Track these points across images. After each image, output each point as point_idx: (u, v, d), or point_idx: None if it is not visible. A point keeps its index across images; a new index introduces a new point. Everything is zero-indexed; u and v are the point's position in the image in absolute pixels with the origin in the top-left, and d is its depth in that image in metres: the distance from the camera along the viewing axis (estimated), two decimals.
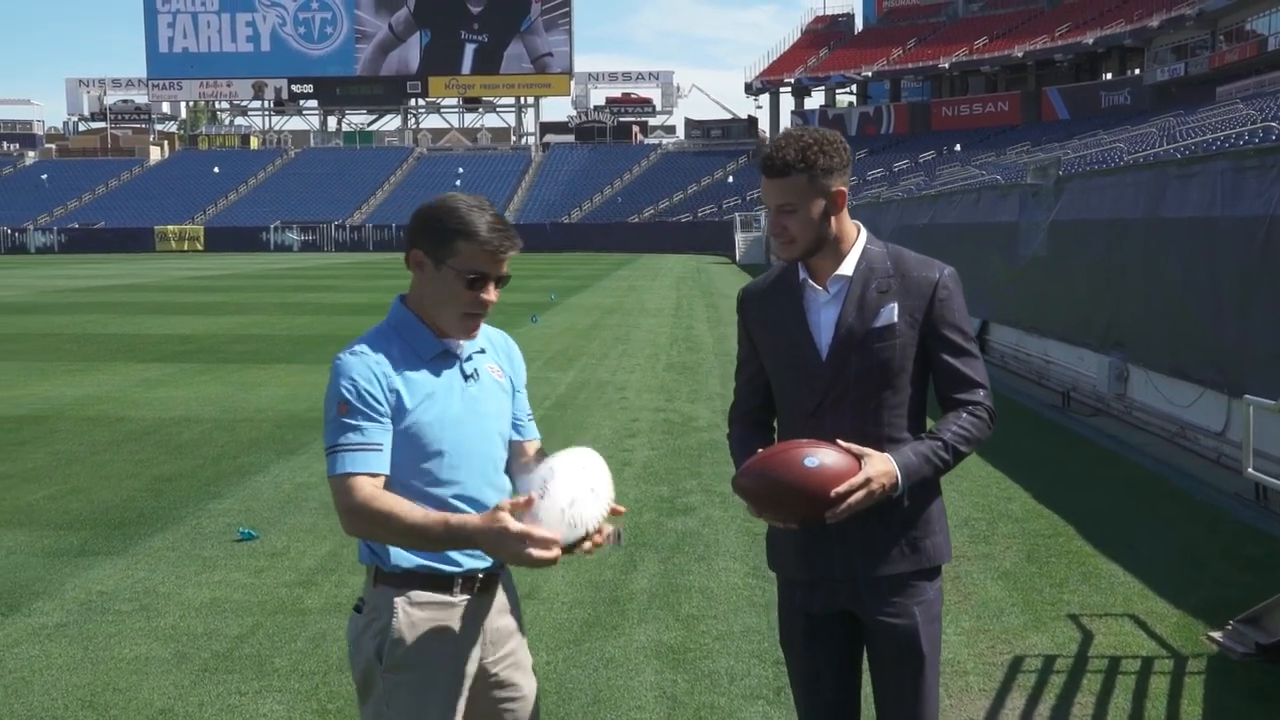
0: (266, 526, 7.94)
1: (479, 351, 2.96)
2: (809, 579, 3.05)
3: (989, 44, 77.55)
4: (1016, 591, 6.49)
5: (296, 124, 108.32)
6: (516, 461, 3.05)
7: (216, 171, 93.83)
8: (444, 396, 2.83)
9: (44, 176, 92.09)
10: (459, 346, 2.90)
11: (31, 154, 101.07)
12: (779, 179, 2.94)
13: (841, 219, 3.01)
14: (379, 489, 2.73)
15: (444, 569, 2.84)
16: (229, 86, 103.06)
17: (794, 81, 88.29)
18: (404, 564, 2.82)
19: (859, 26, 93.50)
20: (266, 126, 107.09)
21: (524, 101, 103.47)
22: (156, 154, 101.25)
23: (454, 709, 2.87)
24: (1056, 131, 62.77)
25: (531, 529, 2.60)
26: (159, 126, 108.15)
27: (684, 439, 11.10)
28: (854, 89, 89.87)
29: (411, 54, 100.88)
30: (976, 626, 5.92)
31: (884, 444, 2.95)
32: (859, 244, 3.05)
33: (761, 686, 5.15)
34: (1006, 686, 5.19)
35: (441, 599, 2.84)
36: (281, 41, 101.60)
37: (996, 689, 5.17)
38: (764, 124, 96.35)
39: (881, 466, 2.85)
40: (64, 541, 7.64)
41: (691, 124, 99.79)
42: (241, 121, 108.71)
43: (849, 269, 3.02)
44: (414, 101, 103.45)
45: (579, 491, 2.66)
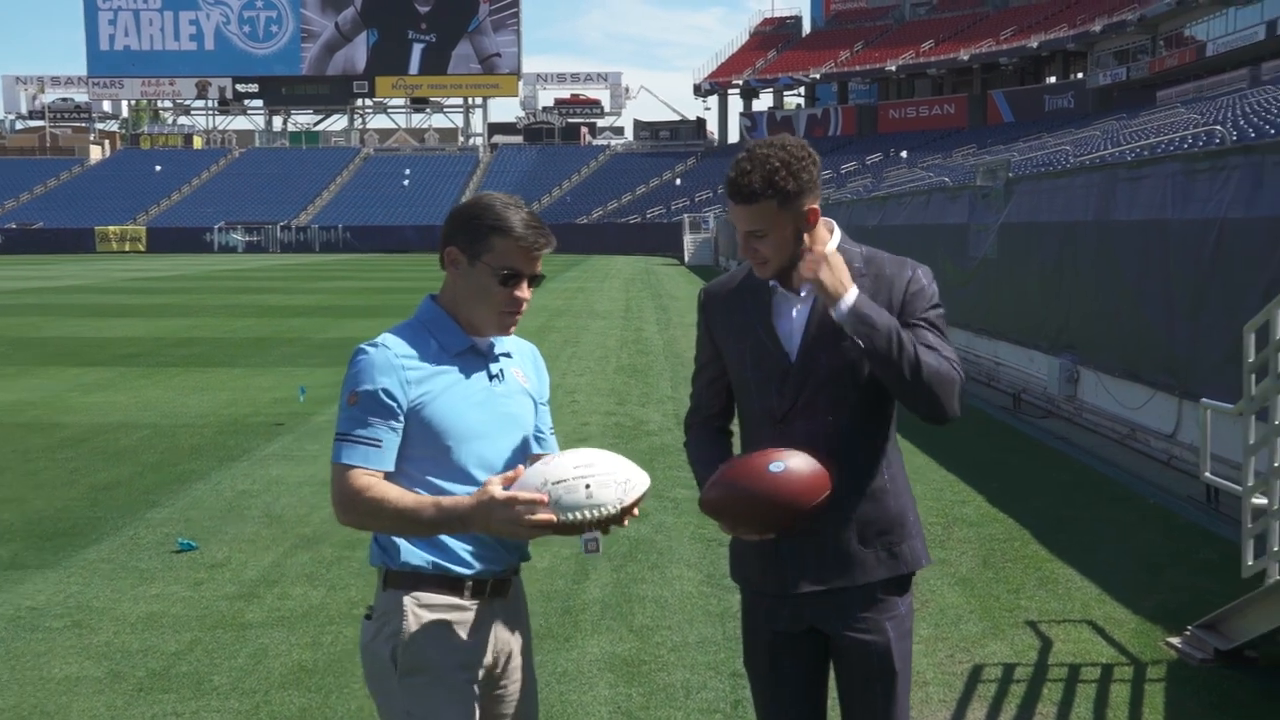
0: (207, 537, 7.71)
1: (505, 355, 2.92)
2: (776, 592, 2.92)
3: (935, 47, 78.11)
4: (974, 598, 6.41)
5: (241, 124, 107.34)
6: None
7: (159, 171, 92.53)
8: (467, 391, 2.80)
9: None
10: (487, 345, 2.86)
11: None
12: (747, 206, 2.81)
13: (815, 232, 2.88)
14: (373, 479, 2.70)
15: (455, 570, 2.78)
16: (172, 85, 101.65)
17: (742, 83, 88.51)
18: (414, 560, 2.76)
19: (807, 29, 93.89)
20: (210, 126, 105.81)
21: (472, 102, 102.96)
22: (97, 153, 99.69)
23: (471, 711, 2.80)
24: (1002, 134, 63.39)
25: (516, 492, 2.59)
26: (100, 125, 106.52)
27: (635, 443, 10.96)
28: (802, 91, 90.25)
29: (358, 53, 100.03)
30: (935, 634, 5.83)
31: (859, 444, 2.85)
32: (832, 243, 2.92)
33: (718, 700, 5.02)
34: (967, 697, 5.10)
35: (452, 601, 2.78)
36: (226, 40, 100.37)
37: (957, 699, 5.07)
38: (712, 125, 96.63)
39: (844, 271, 2.78)
40: None
41: (640, 125, 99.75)
42: (185, 121, 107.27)
43: None
44: (361, 101, 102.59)
45: (570, 477, 2.61)
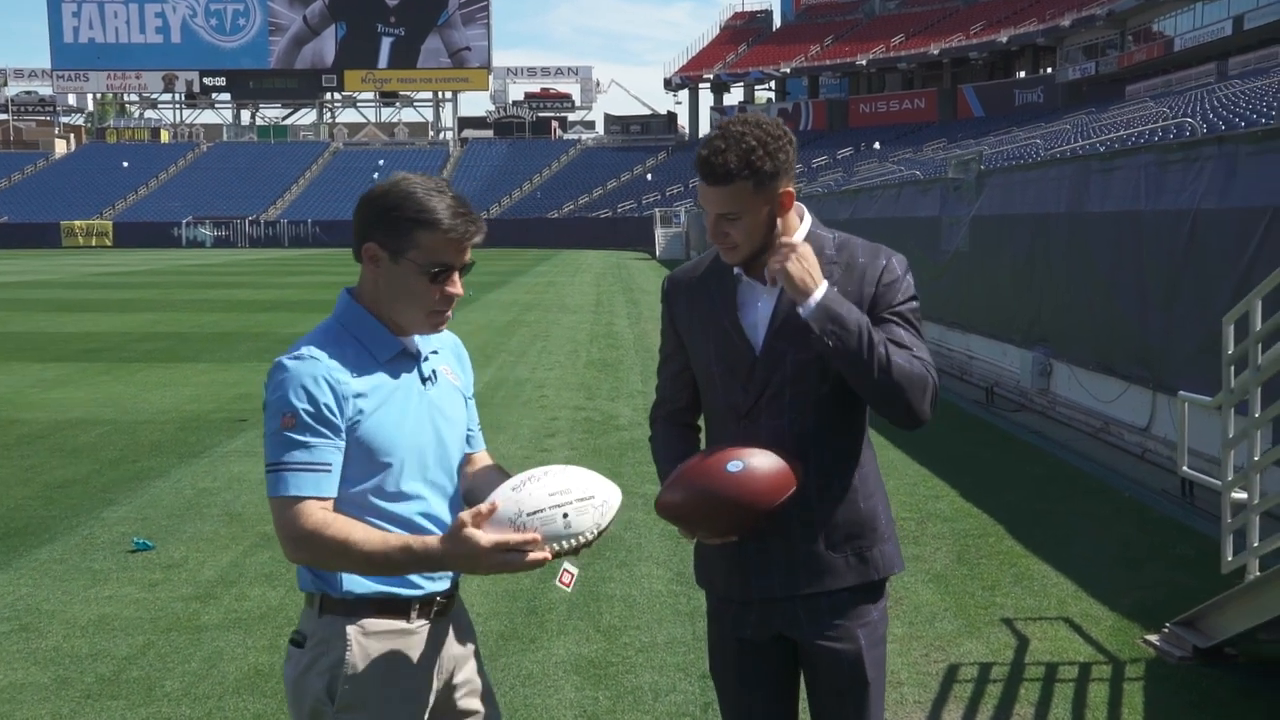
0: (164, 536, 7.50)
1: (433, 352, 2.66)
2: (741, 598, 2.77)
3: (905, 41, 78.22)
4: (948, 595, 6.29)
5: (209, 117, 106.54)
6: (463, 473, 2.73)
7: (125, 165, 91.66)
8: (403, 401, 2.53)
9: None
10: (416, 345, 2.60)
11: None
12: (720, 187, 2.61)
13: (788, 217, 2.72)
14: (330, 514, 2.42)
15: (401, 593, 2.54)
16: (138, 79, 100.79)
17: (713, 78, 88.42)
18: (358, 589, 2.51)
19: (777, 23, 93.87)
20: (178, 120, 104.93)
21: (442, 96, 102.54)
22: (62, 147, 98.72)
23: None
24: (972, 128, 63.53)
25: (506, 537, 2.34)
26: (64, 119, 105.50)
27: (605, 438, 10.80)
28: (772, 85, 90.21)
29: (327, 47, 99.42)
30: (909, 633, 5.70)
31: (826, 444, 2.69)
32: (803, 229, 2.76)
33: (687, 703, 4.87)
34: (942, 697, 4.97)
35: (399, 626, 2.54)
36: (192, 33, 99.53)
37: (933, 700, 4.94)
38: (683, 120, 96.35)
39: (814, 263, 2.61)
40: None
41: (611, 120, 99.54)
42: (151, 114, 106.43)
43: None
44: (329, 95, 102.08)
45: (545, 506, 2.38)
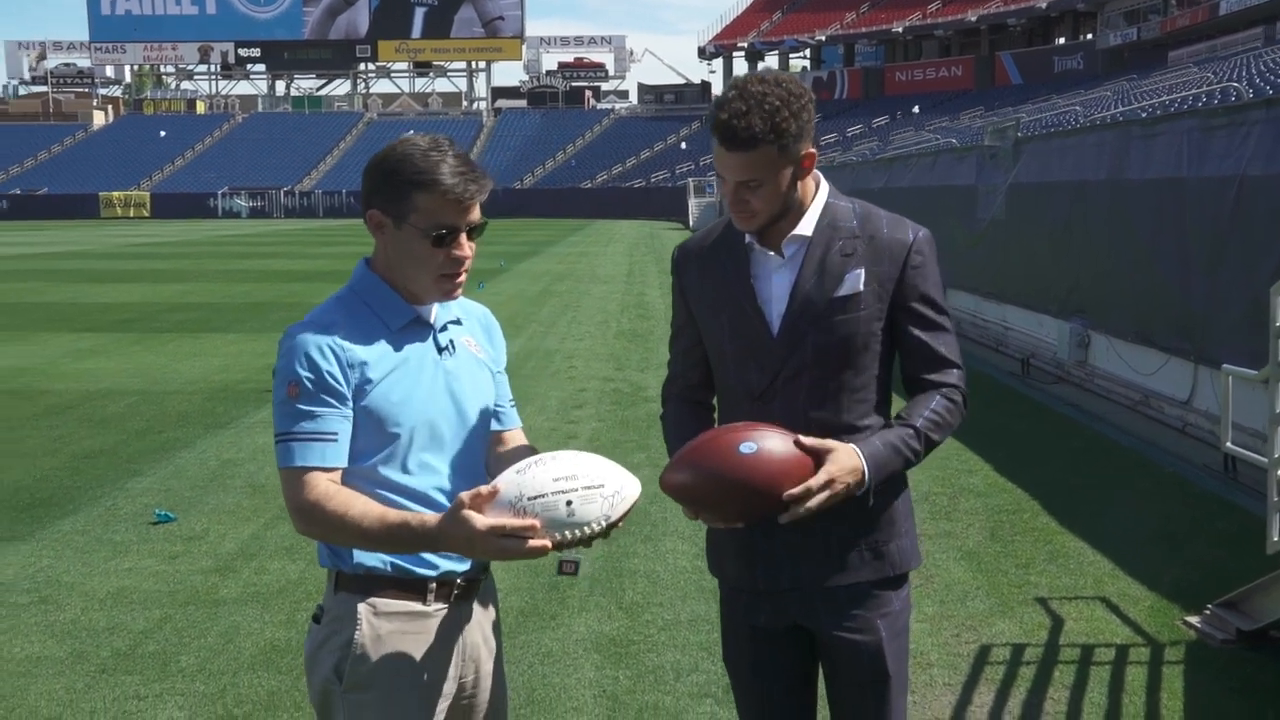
0: (186, 507, 7.44)
1: (454, 322, 2.55)
2: (751, 588, 2.63)
3: (942, 8, 77.25)
4: (981, 573, 6.13)
5: (244, 88, 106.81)
6: (493, 453, 2.61)
7: (162, 136, 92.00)
8: (415, 370, 2.43)
9: None
10: (432, 314, 2.49)
11: None
12: (742, 152, 2.43)
13: (807, 182, 2.56)
14: (335, 485, 2.34)
15: (417, 571, 2.43)
16: (174, 50, 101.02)
17: (747, 46, 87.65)
18: (369, 563, 2.42)
19: None
20: (213, 91, 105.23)
21: (475, 66, 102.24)
22: (100, 118, 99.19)
23: None
24: (1010, 96, 62.68)
25: (503, 521, 2.21)
26: (102, 90, 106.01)
27: (633, 410, 10.68)
28: (807, 53, 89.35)
29: (360, 17, 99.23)
30: (939, 613, 5.55)
31: (844, 433, 2.52)
32: (819, 198, 2.59)
33: (709, 684, 4.75)
34: (973, 679, 4.82)
35: (413, 607, 2.44)
36: (228, 4, 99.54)
37: (963, 682, 4.79)
38: (717, 89, 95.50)
39: (846, 462, 2.41)
40: None
41: (644, 89, 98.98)
42: (187, 86, 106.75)
43: (808, 228, 2.56)
44: (363, 66, 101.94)
45: (548, 492, 2.23)
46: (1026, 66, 71.52)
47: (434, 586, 2.45)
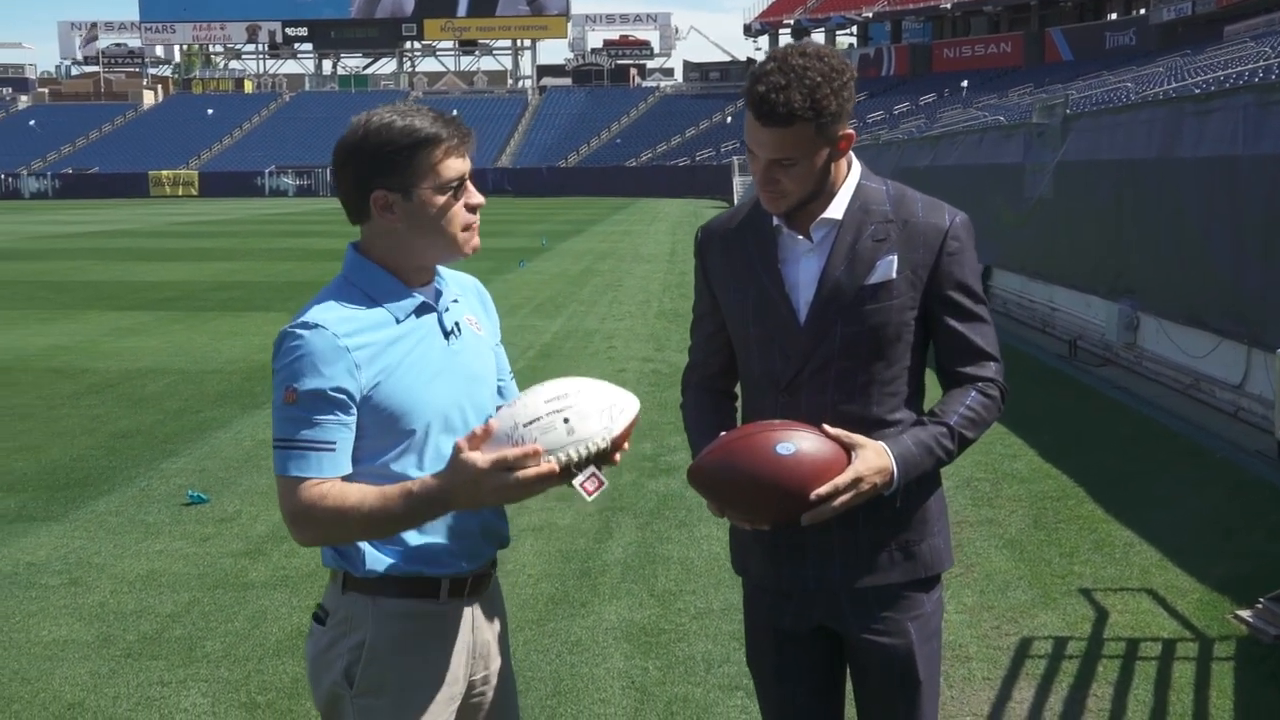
0: (220, 488, 7.41)
1: (453, 301, 2.43)
2: (775, 588, 2.50)
3: None
4: (1023, 562, 5.97)
5: (291, 67, 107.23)
6: None
7: (210, 115, 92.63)
8: (425, 362, 2.31)
9: (31, 122, 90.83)
10: (435, 294, 2.38)
11: (24, 98, 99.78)
12: (778, 128, 2.29)
13: (839, 162, 2.42)
14: (325, 485, 2.21)
15: (428, 572, 2.33)
16: (222, 29, 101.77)
17: (793, 23, 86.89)
18: (380, 568, 2.30)
19: None
20: (261, 70, 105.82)
21: (520, 44, 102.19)
22: (150, 98, 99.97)
23: None
24: (1060, 73, 61.77)
25: (503, 453, 2.12)
26: (152, 70, 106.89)
27: (671, 391, 10.54)
28: (854, 30, 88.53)
29: None
30: (980, 603, 5.40)
31: (873, 428, 2.39)
32: (851, 180, 2.45)
33: (741, 675, 4.62)
34: (1013, 674, 4.68)
35: (426, 608, 2.34)
36: None
37: (1002, 676, 4.65)
38: None
39: (875, 461, 2.29)
40: (1, 505, 7.11)
41: (690, 67, 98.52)
42: (235, 65, 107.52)
43: (838, 211, 2.43)
44: (409, 44, 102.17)
45: (543, 414, 2.15)
46: (1077, 42, 70.39)
47: (447, 584, 2.35)
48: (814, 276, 2.43)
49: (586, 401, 2.19)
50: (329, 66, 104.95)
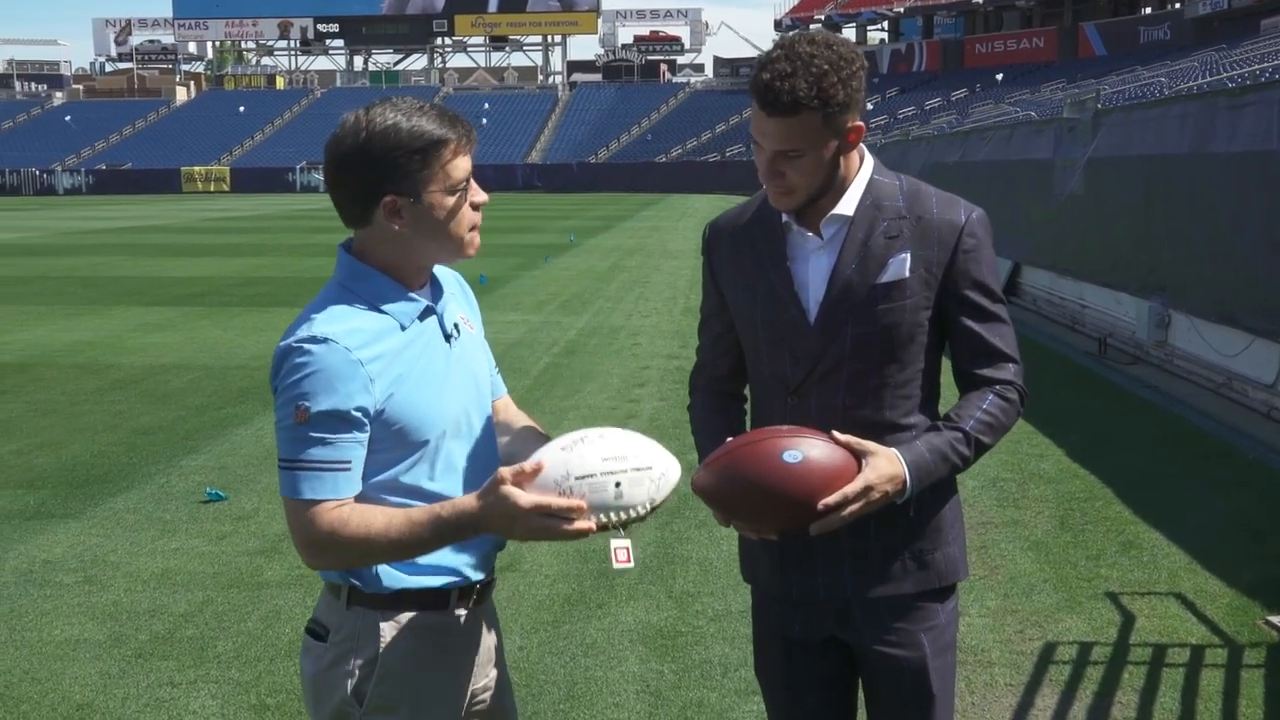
0: (239, 485, 7.39)
1: (450, 299, 2.35)
2: (784, 596, 2.42)
3: None
4: (1048, 565, 5.86)
5: (322, 64, 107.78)
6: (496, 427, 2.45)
7: (242, 111, 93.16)
8: (432, 369, 2.22)
9: (67, 118, 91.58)
10: (434, 297, 2.29)
11: (59, 95, 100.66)
12: (783, 118, 2.21)
13: (850, 156, 2.34)
14: (345, 508, 2.12)
15: (437, 584, 2.25)
16: (254, 26, 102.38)
17: (824, 18, 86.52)
18: (395, 585, 2.22)
19: None
20: (292, 66, 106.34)
21: (551, 40, 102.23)
22: (183, 94, 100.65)
23: None
24: (1093, 68, 61.18)
25: (549, 500, 2.06)
26: (185, 67, 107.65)
27: None
28: (885, 25, 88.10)
29: None
30: (1004, 606, 5.29)
31: (886, 432, 2.31)
32: (863, 175, 2.36)
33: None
34: (1037, 680, 4.57)
35: (436, 620, 2.26)
36: None
37: (1025, 683, 4.55)
38: None
39: (886, 469, 2.21)
40: (20, 502, 7.11)
41: (720, 62, 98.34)
42: (267, 61, 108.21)
43: (849, 207, 2.34)
44: (440, 40, 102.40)
45: (597, 472, 2.09)
46: (1111, 37, 69.75)
47: (456, 595, 2.28)
48: (824, 275, 2.35)
49: (640, 467, 2.13)
50: (360, 63, 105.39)
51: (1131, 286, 12.25)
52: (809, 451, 2.20)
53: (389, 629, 2.23)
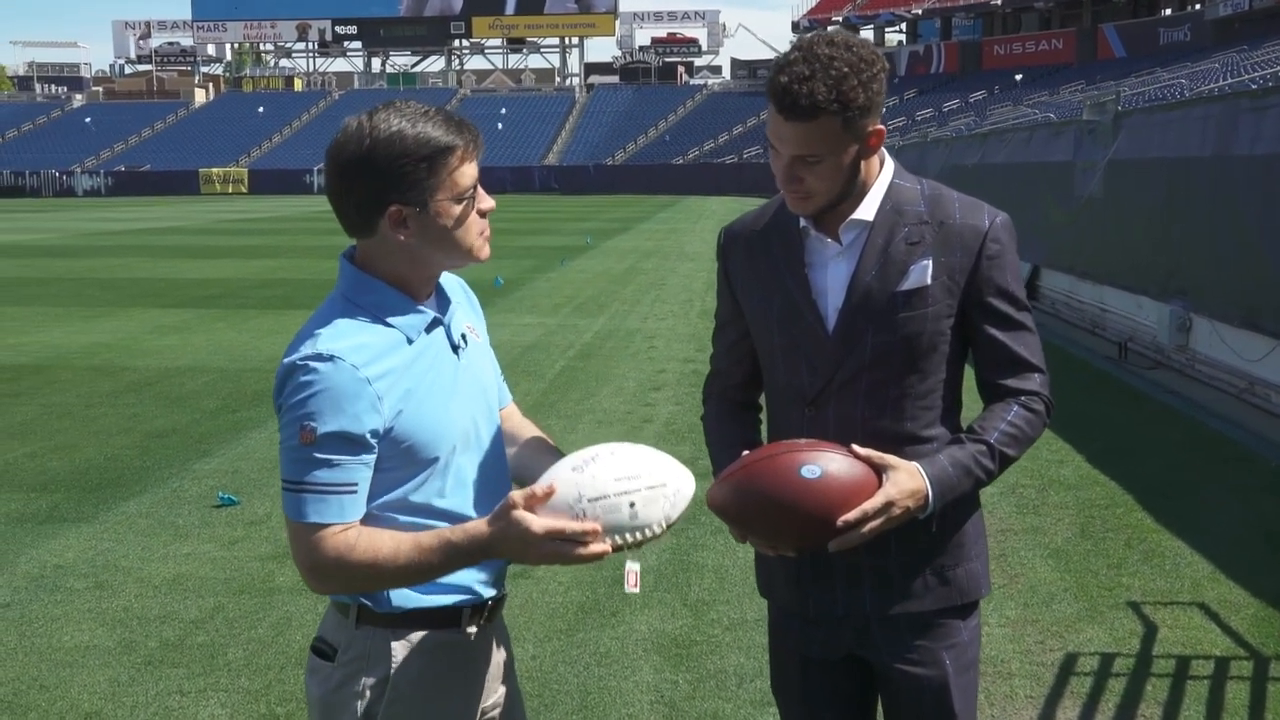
0: (251, 489, 7.35)
1: (456, 308, 2.27)
2: (802, 613, 2.36)
3: None
4: (1069, 573, 5.77)
5: (340, 66, 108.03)
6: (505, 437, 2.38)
7: (261, 113, 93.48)
8: (440, 384, 2.15)
9: (87, 120, 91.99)
10: (441, 307, 2.22)
11: (79, 97, 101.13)
12: (801, 122, 2.14)
13: (870, 160, 2.27)
14: (352, 532, 2.06)
15: (449, 602, 2.19)
16: (273, 28, 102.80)
17: (842, 19, 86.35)
18: (406, 605, 2.16)
19: None
20: (310, 68, 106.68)
21: (568, 42, 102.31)
22: (201, 96, 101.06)
23: None
24: (1113, 70, 60.89)
25: (562, 525, 2.00)
26: (204, 69, 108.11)
27: None
28: (903, 27, 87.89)
29: None
30: (1023, 616, 5.21)
31: (906, 444, 2.25)
32: (883, 179, 2.30)
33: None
34: (1057, 692, 4.50)
35: (449, 638, 2.20)
36: None
37: (1045, 694, 4.47)
38: None
39: (907, 484, 2.14)
40: (32, 505, 7.09)
41: (738, 64, 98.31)
42: (286, 63, 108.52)
43: (869, 212, 2.28)
44: (457, 42, 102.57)
45: (610, 493, 2.03)
46: (1130, 39, 69.40)
47: (468, 612, 2.21)
48: (843, 282, 2.28)
49: (654, 485, 2.07)
50: (378, 64, 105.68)
51: (1152, 290, 12.14)
52: (828, 466, 2.13)
53: (400, 649, 2.17)
